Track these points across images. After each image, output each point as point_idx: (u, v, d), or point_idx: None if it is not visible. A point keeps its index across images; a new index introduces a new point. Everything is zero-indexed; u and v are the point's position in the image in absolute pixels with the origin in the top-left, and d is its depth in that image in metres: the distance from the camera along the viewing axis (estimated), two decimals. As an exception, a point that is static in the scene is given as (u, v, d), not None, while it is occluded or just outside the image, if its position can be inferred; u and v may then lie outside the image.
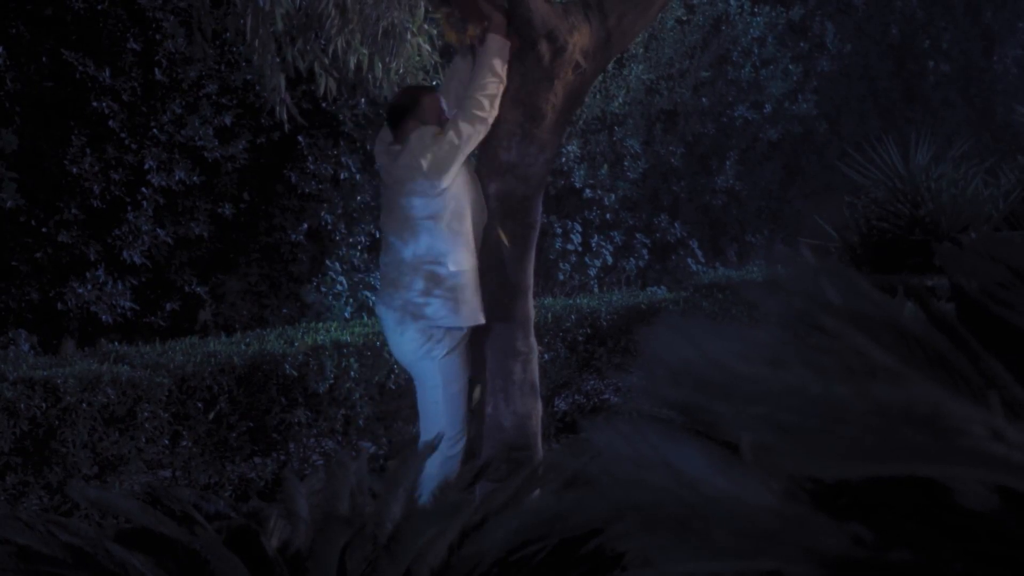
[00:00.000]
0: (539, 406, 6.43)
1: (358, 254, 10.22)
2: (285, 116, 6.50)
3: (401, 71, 7.09)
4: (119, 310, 8.98)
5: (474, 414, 6.31)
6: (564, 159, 11.76)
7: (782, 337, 1.56)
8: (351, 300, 10.03)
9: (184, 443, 7.61)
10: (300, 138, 9.64)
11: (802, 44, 14.18)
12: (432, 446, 3.93)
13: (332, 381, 8.29)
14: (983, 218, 11.93)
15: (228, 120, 9.41)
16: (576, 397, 9.82)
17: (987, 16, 16.63)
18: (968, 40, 16.43)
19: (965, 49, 16.38)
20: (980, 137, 15.17)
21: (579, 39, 6.12)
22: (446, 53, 8.53)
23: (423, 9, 6.85)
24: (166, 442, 7.52)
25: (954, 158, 12.84)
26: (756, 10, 13.37)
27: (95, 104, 8.86)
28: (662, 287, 12.07)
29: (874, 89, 15.38)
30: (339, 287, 9.95)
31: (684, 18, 12.73)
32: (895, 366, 1.51)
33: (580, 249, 12.14)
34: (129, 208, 9.08)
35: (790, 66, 13.86)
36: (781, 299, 1.63)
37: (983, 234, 10.76)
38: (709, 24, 12.99)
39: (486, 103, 5.97)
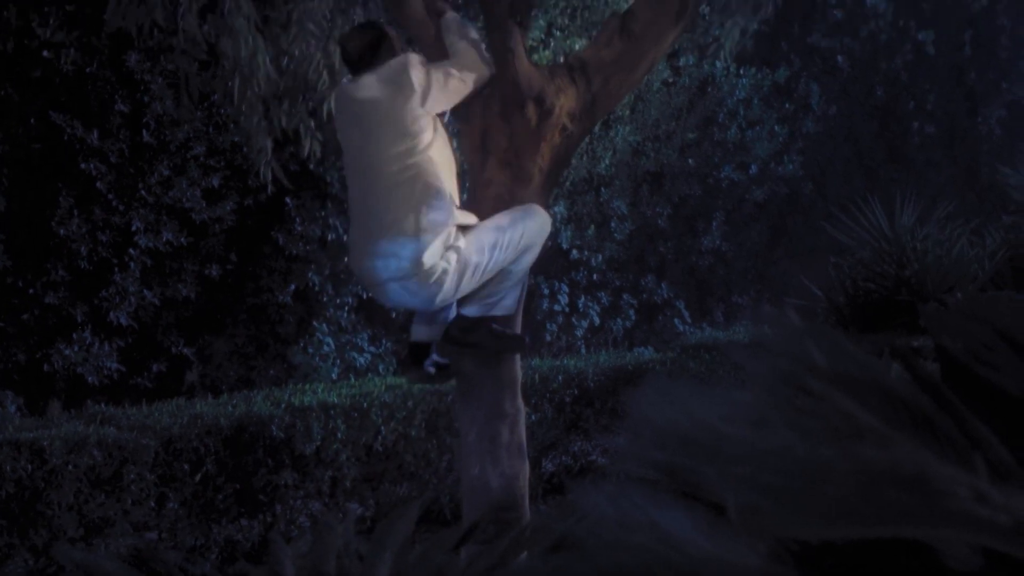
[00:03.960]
0: (526, 467, 6.42)
1: (345, 315, 10.22)
2: (271, 178, 6.52)
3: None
4: (105, 371, 8.96)
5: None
6: (551, 220, 11.80)
7: (768, 399, 1.56)
8: (338, 361, 10.02)
9: (170, 505, 7.58)
10: (287, 199, 9.66)
11: (788, 105, 14.26)
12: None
13: (319, 443, 8.27)
14: (969, 278, 11.96)
15: (215, 182, 9.43)
16: (563, 458, 9.80)
17: (971, 77, 16.74)
18: (952, 101, 16.53)
19: (949, 110, 16.48)
20: (965, 197, 15.23)
21: (566, 101, 6.15)
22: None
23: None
24: (152, 504, 7.49)
25: (939, 219, 12.89)
26: (742, 72, 13.44)
27: (83, 166, 8.87)
28: (649, 348, 12.07)
29: (859, 150, 15.45)
30: (326, 348, 9.94)
31: (670, 80, 12.80)
32: (880, 428, 1.51)
33: (567, 310, 12.14)
34: (116, 269, 9.07)
35: (776, 127, 13.92)
36: (767, 361, 1.64)
37: (968, 295, 10.80)
38: (695, 86, 13.06)
39: (473, 66, 5.93)
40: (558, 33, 11.70)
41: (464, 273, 5.73)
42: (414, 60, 5.73)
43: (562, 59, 10.81)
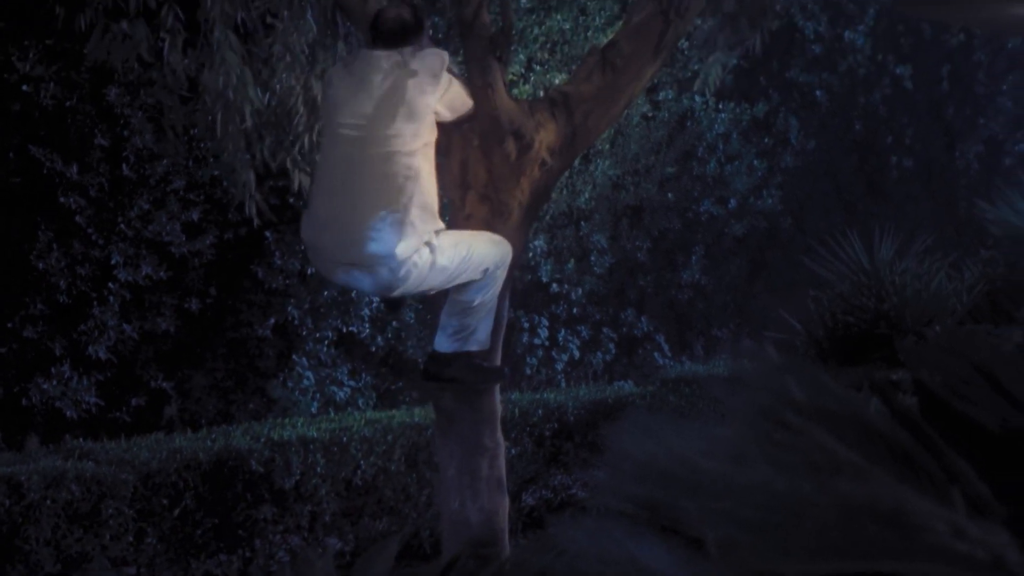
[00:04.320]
0: (506, 502, 6.41)
1: (325, 349, 10.21)
2: (255, 212, 6.52)
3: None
4: (84, 406, 8.94)
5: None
6: (531, 254, 11.80)
7: (747, 433, 1.57)
8: (318, 395, 10.01)
9: (149, 540, 7.55)
10: (267, 233, 9.66)
11: (766, 140, 14.31)
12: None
13: (298, 477, 8.25)
14: (947, 312, 12.00)
15: (195, 215, 9.43)
16: (543, 492, 9.79)
17: (949, 113, 16.82)
18: (930, 136, 16.61)
19: (927, 145, 16.56)
20: (943, 231, 15.28)
21: (545, 136, 6.17)
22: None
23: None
24: (131, 539, 7.46)
25: (918, 252, 12.94)
26: (721, 106, 13.49)
27: (62, 199, 8.87)
28: (629, 381, 12.07)
29: (838, 184, 15.50)
30: (306, 382, 9.93)
31: (650, 114, 12.84)
32: (859, 462, 1.52)
33: (547, 344, 12.15)
34: (95, 303, 9.06)
35: (755, 162, 13.97)
36: (745, 395, 1.65)
37: (946, 329, 10.84)
38: (674, 120, 13.10)
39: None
40: (538, 67, 11.74)
41: (430, 271, 5.71)
42: (447, 59, 5.76)
43: (542, 93, 10.85)
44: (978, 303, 12.36)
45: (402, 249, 5.57)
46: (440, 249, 5.73)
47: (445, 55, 5.83)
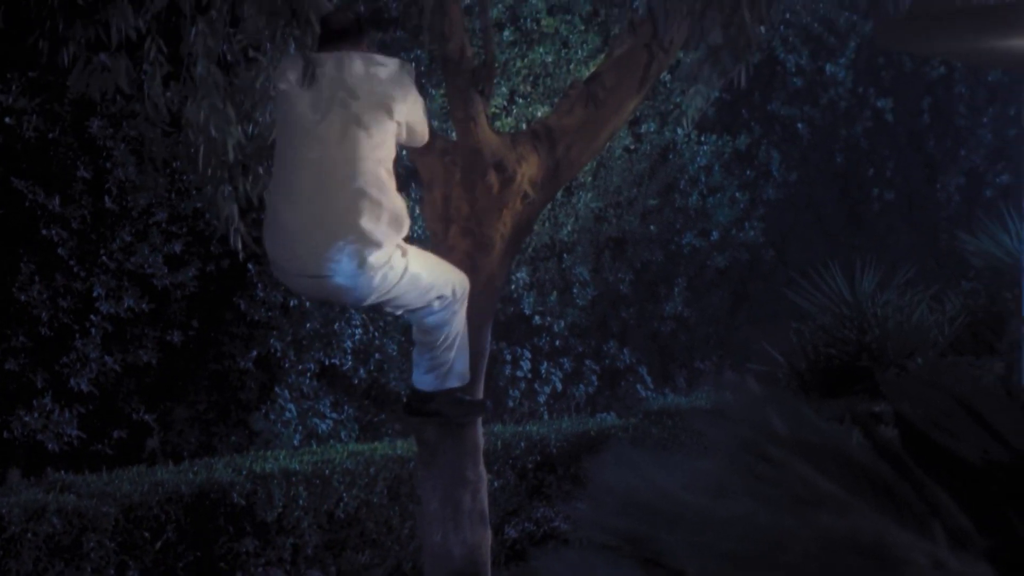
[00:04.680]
0: (488, 534, 6.41)
1: (307, 381, 10.20)
2: (240, 245, 6.52)
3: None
4: (66, 438, 8.91)
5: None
6: (513, 286, 11.81)
7: (728, 466, 1.58)
8: (300, 428, 9.99)
9: (131, 573, 7.53)
10: (250, 266, 9.65)
11: (748, 172, 14.34)
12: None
13: (280, 510, 8.23)
14: (929, 344, 12.04)
15: (178, 248, 9.42)
16: (526, 525, 9.78)
17: (930, 145, 16.89)
18: (911, 168, 16.67)
19: (909, 177, 16.61)
20: (925, 263, 15.33)
21: (527, 169, 6.19)
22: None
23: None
24: (112, 572, 7.44)
25: (899, 284, 12.99)
26: (703, 139, 13.53)
27: (44, 232, 8.86)
28: (611, 414, 12.07)
29: (820, 216, 15.54)
30: (288, 414, 9.91)
31: (632, 147, 12.87)
32: (840, 495, 1.53)
33: (529, 376, 12.15)
34: (77, 336, 9.04)
35: (737, 194, 14.00)
36: (727, 428, 1.65)
37: (927, 362, 10.86)
38: (656, 153, 13.13)
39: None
40: (520, 100, 11.77)
41: (403, 277, 5.71)
42: (405, 72, 5.79)
43: (524, 126, 10.88)
44: (960, 335, 12.41)
45: (375, 260, 5.56)
46: (412, 255, 5.75)
47: (412, 67, 5.83)
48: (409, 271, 5.71)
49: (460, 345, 6.02)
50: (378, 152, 5.61)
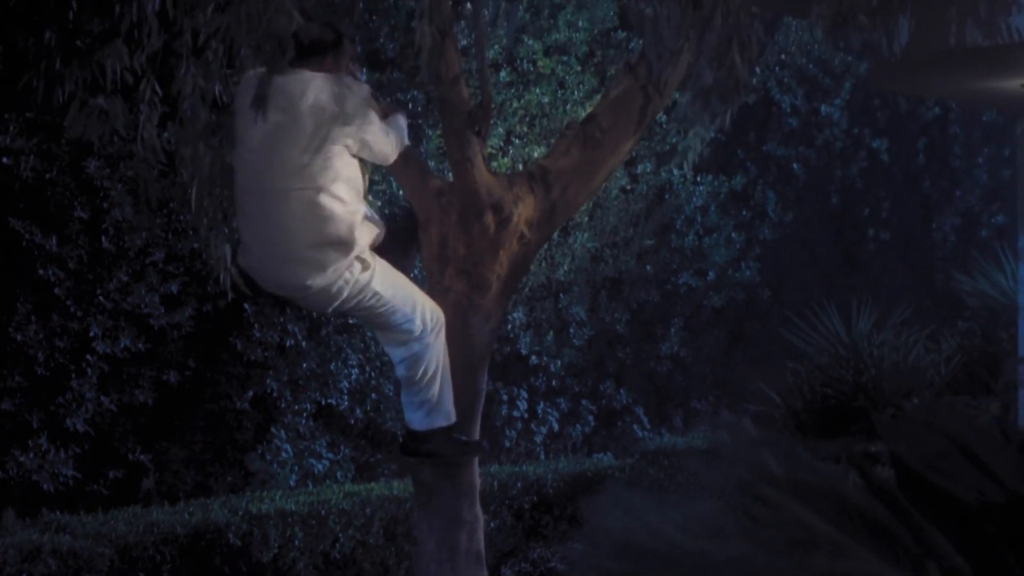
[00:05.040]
0: (484, 575, 6.40)
1: (303, 421, 10.19)
2: (230, 285, 6.53)
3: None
4: (61, 479, 8.89)
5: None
6: (510, 326, 11.81)
7: (724, 508, 1.58)
8: (296, 468, 9.98)
9: (125, 615, 7.50)
10: (246, 306, 9.65)
11: (744, 213, 14.37)
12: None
13: (276, 550, 8.21)
14: (925, 384, 12.04)
15: (174, 288, 9.42)
16: (522, 565, 9.75)
17: (925, 185, 16.93)
18: (907, 208, 16.70)
19: (904, 217, 16.64)
20: (921, 304, 15.34)
21: (524, 210, 6.20)
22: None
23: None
24: (107, 614, 7.41)
25: (895, 324, 13.00)
26: (699, 179, 13.55)
27: (41, 272, 8.86)
28: (608, 454, 12.05)
29: (815, 256, 15.56)
30: (284, 455, 9.90)
31: (628, 187, 12.89)
32: (835, 536, 1.53)
33: (526, 416, 12.13)
34: (73, 375, 9.03)
35: (733, 234, 14.02)
36: (724, 469, 1.65)
37: (923, 402, 10.86)
38: (653, 193, 13.15)
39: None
40: (517, 141, 11.79)
41: (365, 289, 5.79)
42: (367, 93, 5.76)
43: (521, 167, 10.90)
44: (956, 375, 12.41)
45: (330, 275, 5.65)
46: (375, 271, 5.80)
47: (367, 89, 5.81)
48: (371, 286, 5.80)
49: (443, 381, 6.04)
50: (327, 168, 5.63)
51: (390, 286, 5.87)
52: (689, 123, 6.00)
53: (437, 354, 5.99)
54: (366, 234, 5.79)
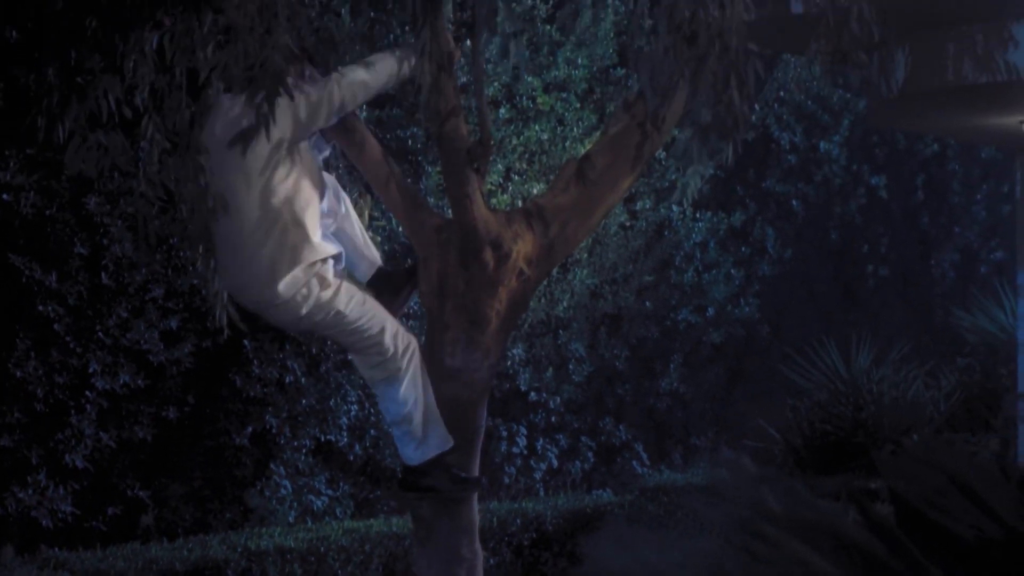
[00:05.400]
0: (484, 612, 6.38)
1: (303, 458, 10.18)
2: (225, 321, 6.53)
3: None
4: (60, 515, 8.88)
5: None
6: (509, 363, 11.81)
7: (724, 546, 1.58)
8: (295, 504, 9.96)
9: (123, 652, 7.48)
10: (245, 342, 9.66)
11: (744, 249, 14.38)
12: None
13: (275, 587, 8.19)
14: (925, 420, 12.04)
15: (174, 324, 9.43)
16: (522, 602, 9.73)
17: (924, 222, 16.95)
18: (906, 245, 16.72)
19: (903, 253, 16.66)
20: (920, 340, 15.34)
21: (523, 247, 6.21)
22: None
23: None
24: (105, 651, 7.39)
25: (895, 361, 13.00)
26: (698, 216, 13.58)
27: (40, 308, 8.86)
28: (607, 490, 12.03)
29: (815, 293, 15.57)
30: (283, 491, 9.88)
31: (627, 224, 12.91)
32: (835, 574, 1.53)
33: (525, 452, 12.12)
34: (72, 412, 9.03)
35: (732, 270, 14.03)
36: (723, 507, 1.66)
37: (922, 439, 10.85)
38: (652, 229, 13.17)
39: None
40: (516, 177, 11.82)
41: (327, 308, 5.87)
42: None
43: (520, 203, 10.91)
44: (955, 411, 12.41)
45: (283, 288, 5.72)
46: (338, 291, 5.85)
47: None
48: (332, 304, 5.87)
49: (426, 409, 6.06)
50: (278, 187, 5.74)
51: (356, 307, 5.93)
52: (688, 160, 6.00)
53: (414, 380, 6.02)
54: (318, 252, 5.86)
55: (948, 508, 1.84)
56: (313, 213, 5.87)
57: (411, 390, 6.00)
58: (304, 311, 5.85)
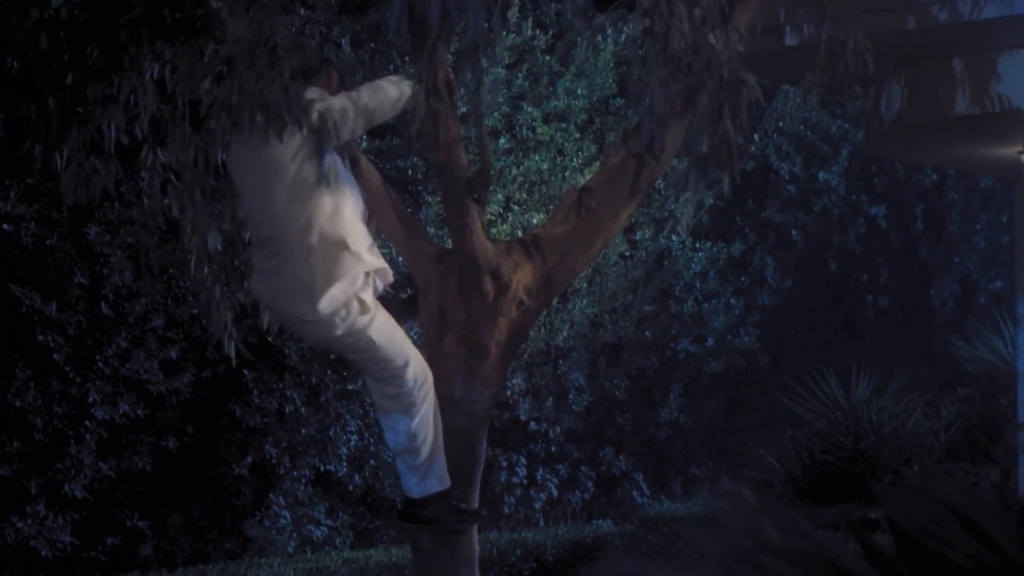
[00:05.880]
0: (484, 643, 6.36)
1: (302, 488, 10.17)
2: (233, 352, 6.53)
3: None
4: (59, 545, 8.87)
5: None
6: (509, 392, 11.81)
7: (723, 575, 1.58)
8: (294, 534, 9.95)
9: None
10: (245, 372, 9.66)
11: (743, 279, 14.40)
12: None
13: (274, 618, 8.18)
14: (925, 451, 12.04)
15: (173, 354, 9.43)
16: (522, 633, 9.71)
17: (923, 252, 16.97)
18: (905, 274, 16.74)
19: (902, 283, 16.68)
20: (920, 370, 15.34)
21: (523, 277, 6.21)
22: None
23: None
24: None
25: (894, 391, 12.99)
26: (698, 245, 13.59)
27: (40, 337, 8.87)
28: (607, 520, 12.02)
29: (814, 322, 15.58)
30: (283, 521, 9.87)
31: (627, 253, 12.93)
32: (834, 605, 1.53)
33: (525, 482, 12.11)
34: (72, 441, 9.03)
35: (732, 300, 14.04)
36: (722, 537, 1.66)
37: (921, 469, 10.84)
38: (652, 259, 13.18)
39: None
40: (516, 207, 11.83)
41: (361, 333, 5.85)
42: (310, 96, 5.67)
43: (520, 233, 10.93)
44: (955, 441, 12.40)
45: (324, 305, 5.71)
46: (375, 318, 5.84)
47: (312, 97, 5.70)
48: (367, 332, 5.86)
49: (434, 445, 6.05)
50: (303, 196, 5.70)
51: (387, 336, 5.92)
52: (685, 190, 6.01)
53: (427, 415, 6.00)
54: (365, 263, 5.83)
55: (948, 538, 1.84)
56: (357, 224, 5.87)
57: (423, 425, 5.99)
58: (339, 332, 5.82)
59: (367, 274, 5.85)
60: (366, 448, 10.62)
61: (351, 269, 5.78)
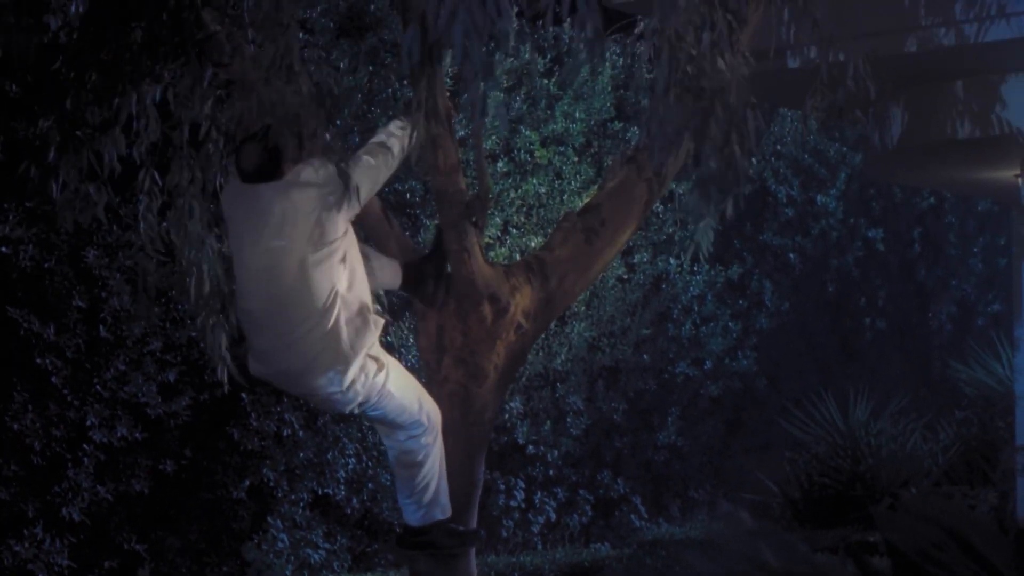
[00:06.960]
0: (482, 667, 6.36)
1: (300, 511, 10.16)
2: (226, 376, 6.54)
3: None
4: (56, 568, 8.86)
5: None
6: (507, 416, 11.81)
7: (721, 600, 1.59)
8: (292, 558, 9.94)
9: None
10: (243, 395, 9.66)
11: (741, 302, 14.41)
12: None
13: (272, 641, 8.17)
14: (923, 473, 12.02)
15: (171, 377, 9.43)
16: (520, 657, 9.70)
17: (921, 274, 16.99)
18: (903, 297, 16.75)
19: (900, 306, 16.69)
20: (918, 392, 15.34)
21: (521, 300, 6.22)
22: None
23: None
24: None
25: (892, 413, 12.99)
26: (695, 269, 13.60)
27: (38, 361, 8.87)
28: (606, 544, 12.01)
29: (812, 345, 15.58)
30: (280, 544, 9.86)
31: (625, 277, 12.94)
32: (832, 628, 1.54)
33: (523, 506, 12.10)
34: (70, 465, 9.02)
35: (730, 323, 14.05)
36: (720, 561, 1.67)
37: (919, 492, 10.84)
38: (650, 283, 13.20)
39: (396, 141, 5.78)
40: (514, 231, 11.85)
41: (381, 390, 5.74)
42: (325, 162, 5.50)
43: (518, 257, 10.94)
44: (953, 464, 12.39)
45: (348, 377, 5.59)
46: (388, 371, 5.76)
47: (320, 163, 5.51)
48: (385, 387, 5.75)
49: (439, 477, 6.03)
50: (327, 268, 5.55)
51: (401, 385, 5.84)
52: (693, 214, 6.02)
53: (438, 453, 5.99)
54: (371, 335, 5.73)
55: (945, 562, 1.85)
56: (367, 291, 5.74)
57: (432, 464, 5.97)
58: (361, 397, 5.68)
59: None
60: (364, 471, 10.61)
61: (372, 335, 5.69)
